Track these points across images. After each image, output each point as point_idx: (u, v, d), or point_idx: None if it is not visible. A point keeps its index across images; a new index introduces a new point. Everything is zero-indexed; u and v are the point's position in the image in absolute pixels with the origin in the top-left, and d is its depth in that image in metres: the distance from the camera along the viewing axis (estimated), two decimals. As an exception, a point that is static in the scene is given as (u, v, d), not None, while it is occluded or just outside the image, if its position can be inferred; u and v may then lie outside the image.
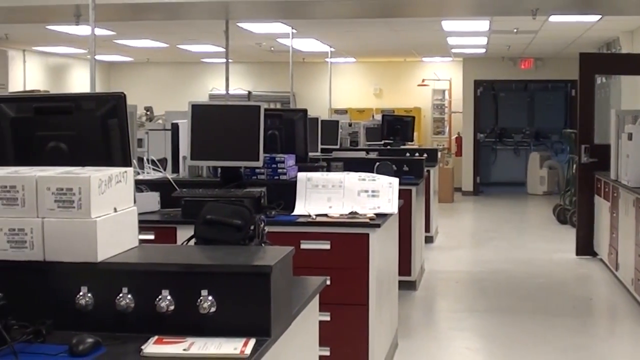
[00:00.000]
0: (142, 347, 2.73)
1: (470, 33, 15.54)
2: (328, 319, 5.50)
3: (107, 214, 2.98)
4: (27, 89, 18.54)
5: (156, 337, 2.82)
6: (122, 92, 3.60)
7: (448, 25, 14.30)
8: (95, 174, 2.94)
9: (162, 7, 10.24)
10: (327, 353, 5.58)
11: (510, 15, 12.17)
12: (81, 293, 2.91)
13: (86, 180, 2.89)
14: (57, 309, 2.92)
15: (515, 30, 14.80)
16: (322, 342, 3.93)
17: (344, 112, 19.85)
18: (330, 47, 18.07)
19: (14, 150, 3.68)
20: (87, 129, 3.61)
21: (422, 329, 8.23)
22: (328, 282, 3.76)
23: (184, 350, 2.71)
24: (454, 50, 19.33)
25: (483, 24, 14.18)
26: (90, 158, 3.42)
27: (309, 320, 3.57)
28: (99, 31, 11.92)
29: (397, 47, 18.70)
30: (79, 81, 21.76)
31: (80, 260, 2.91)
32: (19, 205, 2.93)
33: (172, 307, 2.86)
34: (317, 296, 3.62)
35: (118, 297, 2.89)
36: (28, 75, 19.79)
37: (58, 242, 2.92)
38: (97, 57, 7.20)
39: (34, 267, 2.95)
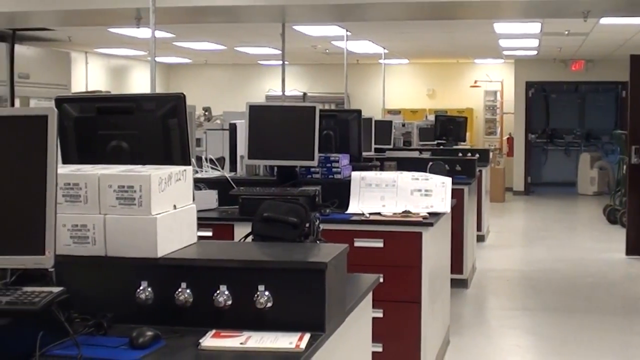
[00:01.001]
0: (200, 340, 2.74)
1: (521, 35, 15.43)
2: (381, 315, 5.48)
3: (166, 211, 3.00)
4: (89, 89, 18.69)
5: (214, 330, 2.83)
6: (182, 93, 3.63)
7: (500, 27, 14.20)
8: (156, 172, 2.96)
9: (221, 10, 10.27)
10: (380, 349, 5.56)
11: (562, 18, 12.07)
12: (141, 287, 2.93)
13: (147, 178, 2.91)
14: (118, 302, 2.94)
15: (566, 32, 14.67)
16: (375, 339, 3.92)
17: (397, 112, 19.78)
18: (384, 48, 18.01)
19: (77, 148, 3.72)
20: (147, 128, 3.64)
21: (473, 326, 8.18)
22: (381, 280, 3.74)
23: (241, 344, 2.72)
24: (505, 52, 19.20)
25: (534, 26, 14.06)
26: (150, 157, 3.44)
27: (363, 317, 3.56)
28: (159, 34, 11.99)
29: (449, 48, 18.61)
30: (139, 82, 21.90)
31: (140, 256, 2.93)
32: (82, 202, 2.96)
33: (229, 302, 2.87)
34: (371, 293, 3.61)
35: (177, 292, 2.91)
36: (90, 76, 19.95)
37: (119, 238, 2.94)
38: (157, 58, 7.25)
39: (96, 262, 2.97)
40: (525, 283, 10.45)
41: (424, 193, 6.05)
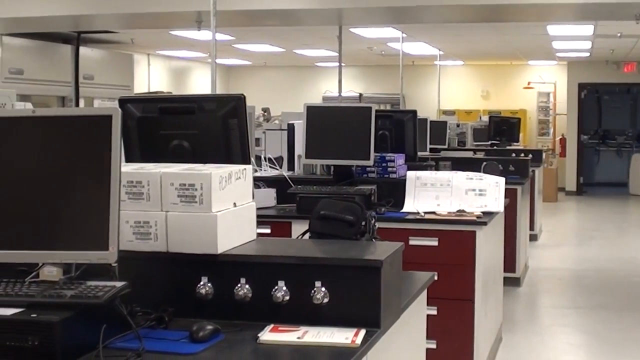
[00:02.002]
0: (259, 334, 2.74)
1: (574, 37, 15.28)
2: (435, 313, 5.47)
3: (227, 208, 3.00)
4: (151, 90, 18.83)
5: (272, 325, 2.83)
6: (242, 94, 3.63)
7: (553, 29, 14.08)
8: (216, 171, 2.97)
9: (279, 13, 10.29)
10: (434, 346, 5.54)
11: (614, 20, 11.92)
12: (202, 283, 2.95)
13: (208, 177, 2.92)
14: (178, 297, 2.95)
15: (619, 35, 14.51)
16: (429, 335, 3.91)
17: (452, 113, 19.68)
18: (439, 50, 17.95)
19: (139, 147, 3.74)
20: (208, 128, 3.65)
21: (525, 324, 8.12)
22: (435, 278, 3.73)
23: (298, 338, 2.72)
24: (558, 54, 19.03)
25: (587, 29, 13.92)
26: (211, 156, 3.45)
27: (417, 314, 3.54)
28: (220, 36, 12.05)
29: (503, 50, 18.49)
30: (199, 83, 22.01)
31: (201, 252, 2.94)
32: (144, 199, 2.98)
33: (287, 297, 2.87)
34: (425, 291, 3.60)
35: (236, 287, 2.91)
36: (152, 77, 20.09)
37: (180, 235, 2.95)
38: (218, 60, 7.28)
39: (157, 257, 2.99)
40: (577, 282, 10.35)
41: (478, 193, 6.02)
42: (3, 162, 2.75)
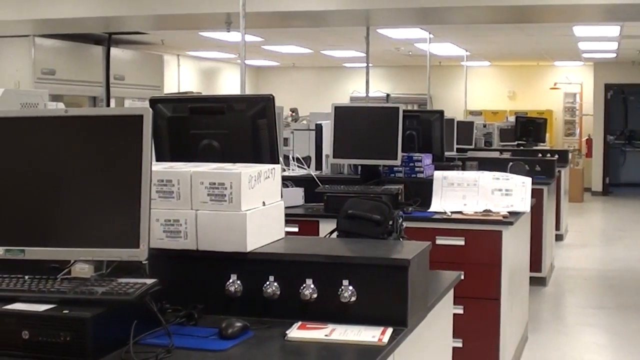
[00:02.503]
0: (287, 331, 2.75)
1: (601, 38, 15.19)
2: (461, 312, 5.45)
3: (256, 207, 3.01)
4: (181, 90, 18.87)
5: (300, 322, 2.83)
6: (271, 94, 3.63)
7: (579, 30, 14.01)
8: (246, 170, 2.97)
9: (307, 15, 10.30)
10: (460, 345, 5.52)
11: (641, 21, 11.86)
12: (231, 280, 2.95)
13: (237, 176, 2.93)
14: (208, 294, 2.96)
15: (646, 36, 14.44)
16: (455, 334, 3.90)
17: (478, 113, 19.61)
18: (466, 51, 17.90)
19: (169, 147, 3.76)
20: (238, 128, 3.66)
21: (551, 323, 8.09)
22: (462, 277, 3.72)
23: (326, 335, 2.72)
24: (584, 55, 18.93)
25: (614, 29, 13.84)
26: (240, 155, 3.46)
27: (444, 313, 3.54)
28: (249, 37, 12.05)
29: (530, 51, 18.41)
30: (228, 84, 22.05)
31: (230, 250, 2.95)
32: (175, 198, 2.99)
33: (315, 295, 2.87)
34: (452, 290, 3.59)
35: (265, 285, 2.92)
36: (182, 78, 20.15)
37: (210, 233, 2.96)
38: (247, 61, 7.30)
39: (187, 255, 3.00)
40: (603, 282, 10.29)
41: (504, 192, 6.00)
42: (36, 161, 2.77)
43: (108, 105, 14.62)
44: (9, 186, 2.78)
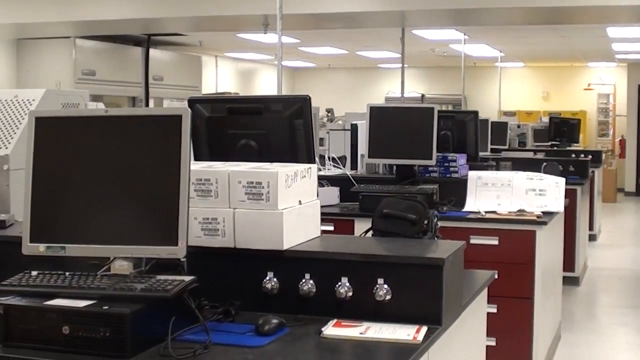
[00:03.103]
0: (322, 329, 2.74)
1: (635, 39, 15.07)
2: (495, 311, 5.42)
3: (292, 206, 3.01)
4: (219, 91, 18.93)
5: (335, 320, 2.83)
6: (308, 95, 3.63)
7: (613, 31, 13.91)
8: (283, 170, 2.98)
9: (343, 16, 10.30)
10: (493, 343, 5.49)
11: (677, 22, 11.76)
12: (267, 278, 2.96)
13: (274, 175, 2.93)
14: (245, 291, 2.97)
15: (680, 37, 14.31)
16: (489, 333, 3.87)
17: (512, 114, 19.51)
18: (500, 52, 17.83)
19: (208, 146, 3.76)
20: (275, 128, 3.66)
21: (584, 322, 8.04)
22: (496, 276, 3.70)
23: (360, 333, 2.72)
24: (618, 56, 18.80)
25: (648, 31, 13.75)
26: (277, 155, 3.46)
27: (478, 312, 3.52)
28: (285, 39, 12.08)
29: (563, 52, 18.32)
30: (265, 85, 22.09)
31: (267, 248, 2.95)
32: (213, 196, 3.00)
33: (350, 293, 2.87)
34: (486, 289, 3.57)
35: (301, 282, 2.92)
36: (219, 78, 20.21)
37: (247, 231, 2.96)
38: (283, 62, 7.31)
39: (225, 253, 3.01)
40: (636, 282, 10.22)
41: (538, 192, 5.97)
42: (77, 160, 2.79)
43: (147, 105, 14.71)
44: (51, 184, 2.80)
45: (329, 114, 14.24)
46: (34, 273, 2.75)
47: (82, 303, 2.54)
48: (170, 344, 2.49)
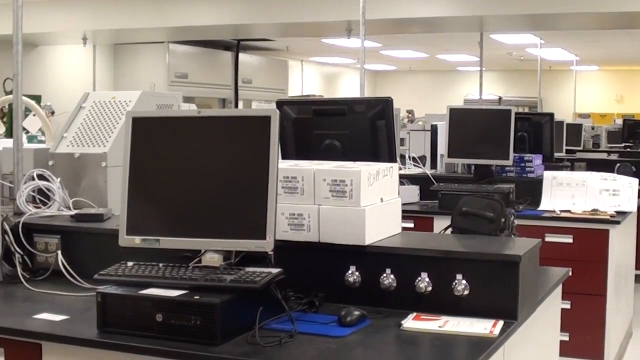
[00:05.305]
0: (402, 321, 2.74)
1: None
2: (568, 307, 5.35)
3: (374, 203, 3.01)
4: (304, 93, 19.01)
5: (414, 313, 2.82)
6: (389, 97, 3.62)
7: (688, 36, 13.63)
8: (365, 168, 2.97)
9: (424, 21, 10.27)
10: (567, 338, 5.43)
11: None
12: (350, 271, 2.96)
13: (357, 174, 2.93)
14: (328, 284, 2.97)
15: None
16: (562, 328, 3.82)
17: (586, 116, 19.21)
18: (575, 56, 17.59)
19: (294, 146, 3.78)
20: (358, 128, 3.65)
21: (656, 319, 7.88)
22: (570, 273, 3.65)
23: (439, 327, 2.70)
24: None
25: None
26: (360, 154, 3.45)
27: (552, 307, 3.47)
28: (368, 43, 12.07)
29: (638, 56, 17.98)
30: (348, 87, 22.11)
31: (350, 243, 2.95)
32: (299, 193, 3.01)
33: (429, 288, 2.85)
34: (560, 285, 3.53)
35: (382, 277, 2.91)
36: (305, 81, 20.28)
37: (331, 227, 2.97)
38: (366, 66, 7.32)
39: (310, 247, 3.01)
40: None
41: (611, 192, 5.88)
42: (173, 157, 2.82)
43: (236, 106, 14.84)
44: (146, 180, 2.84)
45: (410, 115, 14.20)
46: (130, 264, 2.80)
47: (174, 293, 2.57)
48: (258, 333, 2.51)
